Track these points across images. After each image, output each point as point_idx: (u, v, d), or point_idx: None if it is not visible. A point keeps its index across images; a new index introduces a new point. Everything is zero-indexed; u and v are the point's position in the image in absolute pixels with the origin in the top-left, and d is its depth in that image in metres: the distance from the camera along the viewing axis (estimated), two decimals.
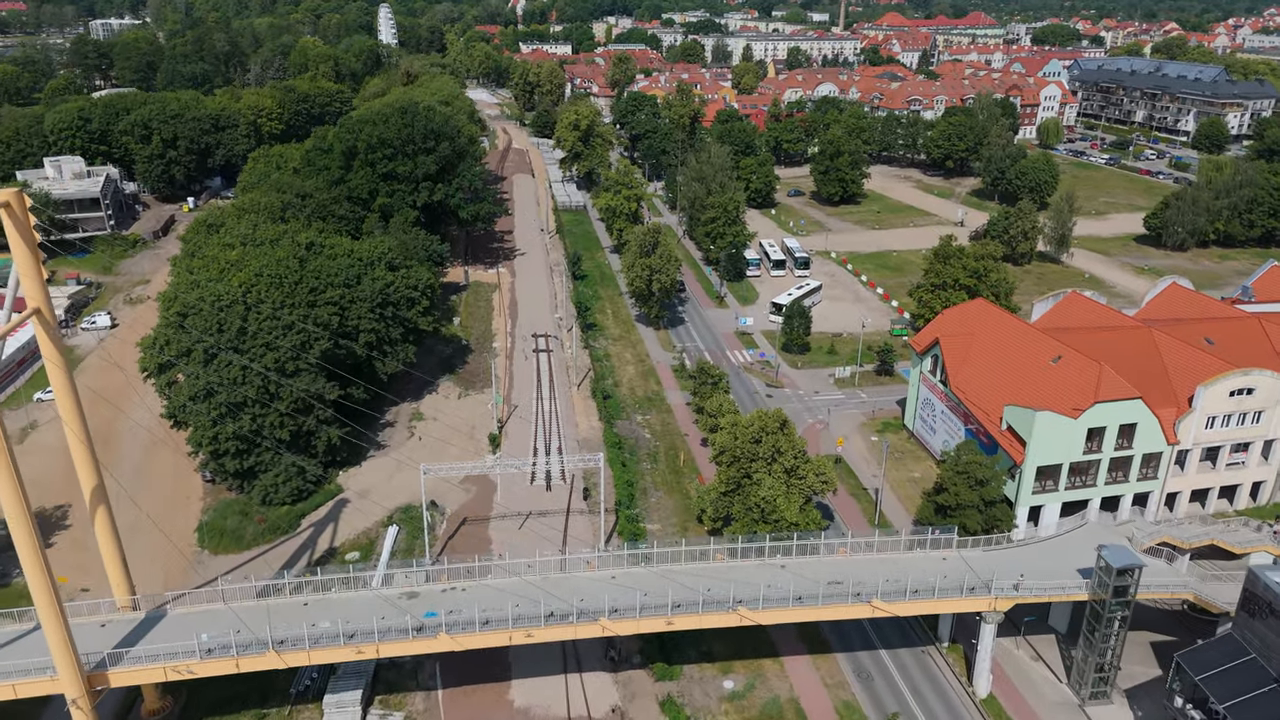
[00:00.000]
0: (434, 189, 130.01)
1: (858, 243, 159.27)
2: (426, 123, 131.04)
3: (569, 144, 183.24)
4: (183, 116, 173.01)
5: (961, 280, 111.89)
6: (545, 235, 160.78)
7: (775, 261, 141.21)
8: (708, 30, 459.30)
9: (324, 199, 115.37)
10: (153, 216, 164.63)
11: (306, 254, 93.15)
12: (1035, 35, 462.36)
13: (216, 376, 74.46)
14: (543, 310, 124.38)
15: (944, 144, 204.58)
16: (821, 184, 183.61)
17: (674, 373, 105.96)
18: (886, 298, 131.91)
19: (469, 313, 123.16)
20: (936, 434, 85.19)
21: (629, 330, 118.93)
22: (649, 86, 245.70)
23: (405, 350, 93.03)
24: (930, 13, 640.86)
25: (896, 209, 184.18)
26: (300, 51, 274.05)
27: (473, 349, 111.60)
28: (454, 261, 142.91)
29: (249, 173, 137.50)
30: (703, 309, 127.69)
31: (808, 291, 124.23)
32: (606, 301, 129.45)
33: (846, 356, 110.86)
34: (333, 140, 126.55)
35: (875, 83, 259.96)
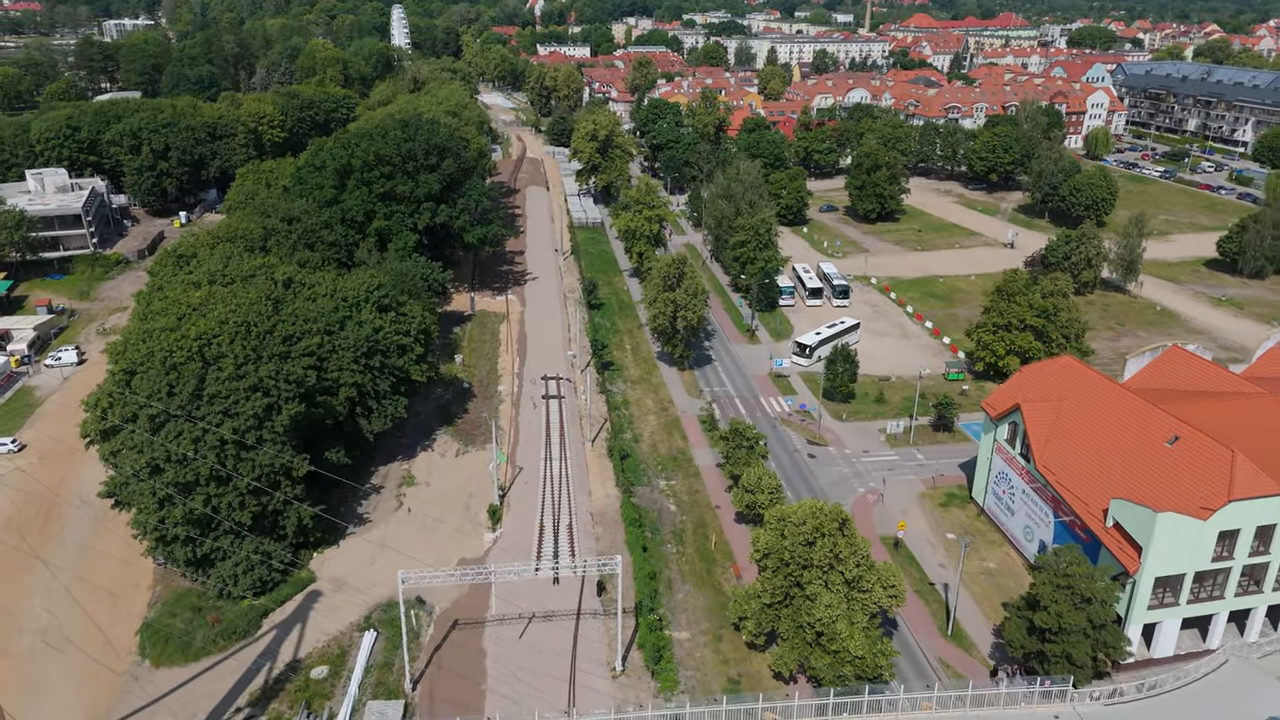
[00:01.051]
0: (437, 210, 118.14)
1: (899, 267, 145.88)
2: (430, 137, 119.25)
3: (586, 156, 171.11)
4: (175, 125, 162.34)
5: (1028, 320, 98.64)
6: (559, 256, 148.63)
7: (811, 290, 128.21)
8: (730, 32, 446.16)
9: (312, 223, 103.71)
10: (139, 233, 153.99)
11: (284, 293, 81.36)
12: (1071, 37, 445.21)
13: (163, 450, 62.70)
14: (554, 346, 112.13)
15: (988, 156, 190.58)
16: (858, 200, 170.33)
17: (701, 425, 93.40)
18: (936, 333, 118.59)
19: (473, 349, 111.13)
20: (1015, 516, 72.08)
21: (650, 371, 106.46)
22: (671, 93, 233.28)
23: (395, 404, 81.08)
24: (958, 13, 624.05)
25: (939, 227, 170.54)
26: (308, 54, 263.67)
27: (475, 393, 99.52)
28: (459, 287, 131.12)
29: (236, 190, 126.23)
30: (731, 344, 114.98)
31: (841, 331, 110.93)
32: (625, 335, 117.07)
33: (897, 406, 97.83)
34: (326, 157, 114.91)
35: (910, 89, 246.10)
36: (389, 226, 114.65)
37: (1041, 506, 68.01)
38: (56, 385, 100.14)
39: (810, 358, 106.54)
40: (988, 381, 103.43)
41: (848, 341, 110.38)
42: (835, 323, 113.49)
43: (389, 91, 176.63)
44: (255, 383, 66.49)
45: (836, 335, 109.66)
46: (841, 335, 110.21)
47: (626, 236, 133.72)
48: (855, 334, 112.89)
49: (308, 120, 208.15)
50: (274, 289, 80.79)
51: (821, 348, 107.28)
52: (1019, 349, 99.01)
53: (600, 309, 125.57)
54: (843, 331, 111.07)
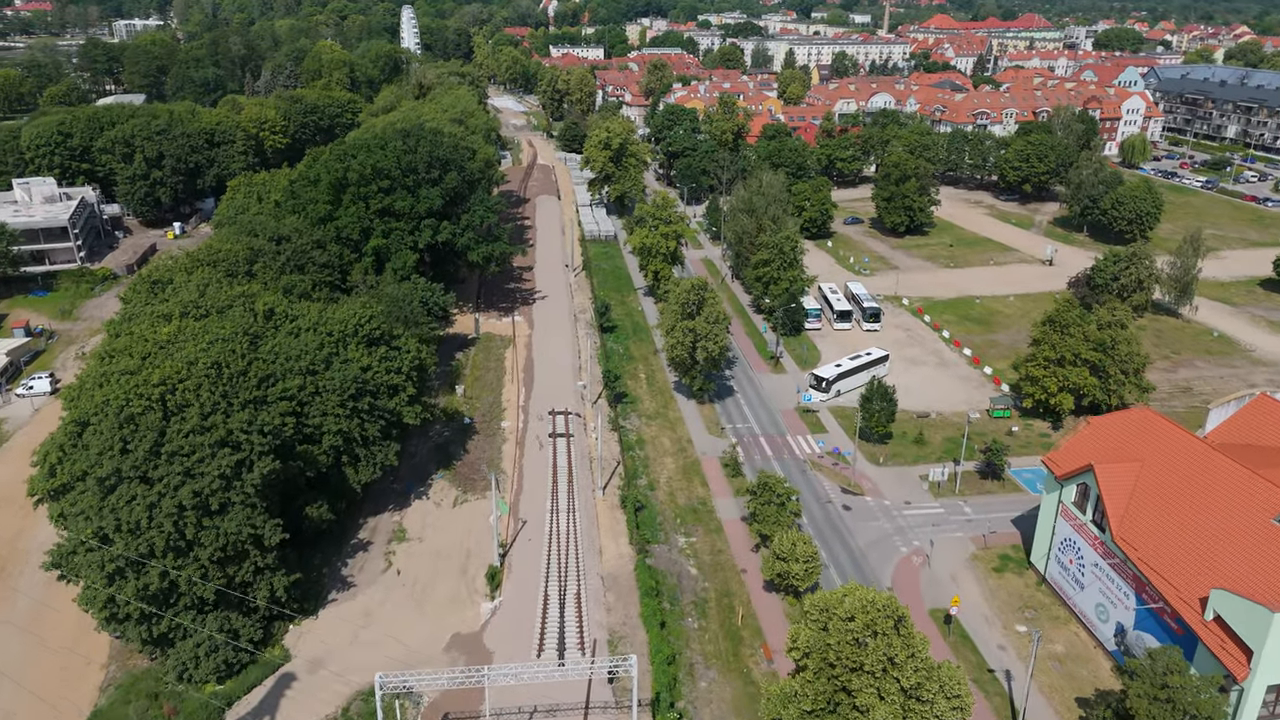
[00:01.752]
0: (439, 227, 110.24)
1: (932, 285, 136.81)
2: (432, 148, 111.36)
3: (599, 165, 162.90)
4: (170, 132, 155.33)
5: (1083, 354, 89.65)
6: (570, 272, 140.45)
7: (839, 313, 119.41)
8: (747, 33, 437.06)
9: (303, 243, 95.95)
10: (130, 246, 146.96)
11: (263, 327, 73.61)
12: (1097, 39, 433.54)
13: (112, 518, 54.87)
14: (564, 375, 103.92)
15: (1022, 166, 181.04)
16: (885, 212, 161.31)
17: (723, 468, 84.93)
18: (976, 362, 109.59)
19: (476, 378, 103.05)
20: (1085, 592, 63.25)
21: (667, 404, 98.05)
22: (687, 97, 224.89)
23: (385, 451, 73.10)
24: (977, 14, 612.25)
25: (971, 241, 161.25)
26: (314, 57, 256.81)
27: (476, 429, 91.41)
28: (463, 307, 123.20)
29: (227, 204, 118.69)
30: (754, 373, 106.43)
31: (866, 363, 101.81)
32: (639, 363, 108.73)
33: (939, 448, 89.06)
34: (320, 170, 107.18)
35: (935, 93, 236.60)
36: (387, 245, 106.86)
37: (1120, 585, 59.17)
38: (26, 417, 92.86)
39: (827, 392, 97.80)
40: (1036, 420, 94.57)
41: (875, 374, 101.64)
42: (859, 354, 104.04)
43: (393, 97, 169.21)
44: (223, 436, 58.57)
45: (860, 368, 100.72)
46: (866, 368, 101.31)
47: (642, 254, 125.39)
48: (883, 367, 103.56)
49: (311, 126, 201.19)
50: (252, 322, 73.05)
51: (840, 382, 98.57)
52: (1073, 385, 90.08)
53: (613, 332, 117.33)
54: (868, 364, 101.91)
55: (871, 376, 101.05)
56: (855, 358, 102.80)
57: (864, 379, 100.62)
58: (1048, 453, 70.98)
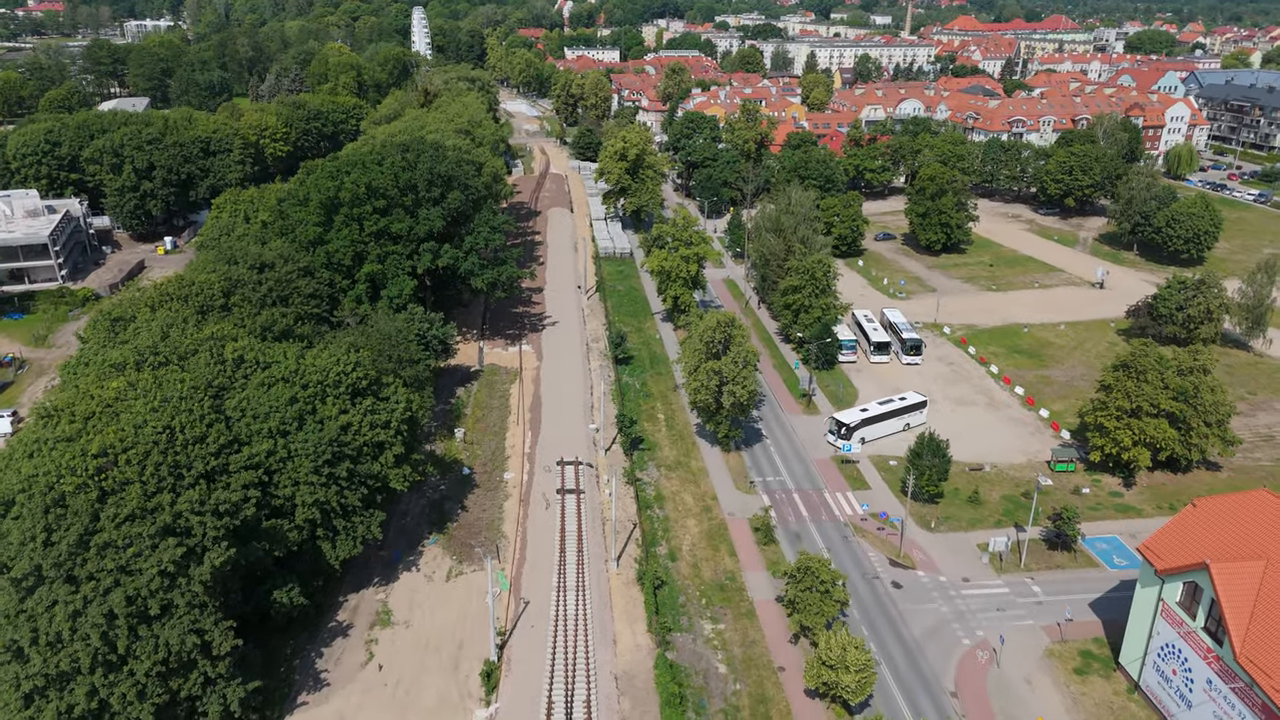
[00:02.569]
0: (439, 251, 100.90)
1: (974, 311, 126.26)
2: (433, 164, 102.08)
3: (614, 177, 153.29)
4: (161, 141, 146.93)
5: (1162, 404, 79.16)
6: (582, 294, 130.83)
7: (876, 344, 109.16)
8: (766, 35, 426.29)
9: (287, 272, 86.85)
10: (117, 262, 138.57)
11: (231, 377, 64.41)
12: (1128, 42, 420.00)
13: (28, 628, 45.75)
14: (574, 415, 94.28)
15: (1064, 178, 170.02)
16: (920, 229, 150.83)
17: (754, 533, 75.04)
18: (1031, 403, 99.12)
19: (477, 418, 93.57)
20: (1195, 711, 52.90)
21: (688, 452, 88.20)
22: (707, 103, 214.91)
23: (368, 523, 63.68)
24: (1000, 15, 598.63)
25: (1012, 260, 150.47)
26: (321, 60, 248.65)
27: (476, 482, 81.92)
28: (466, 334, 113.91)
29: (211, 224, 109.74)
30: (785, 414, 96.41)
31: (898, 409, 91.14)
32: (657, 400, 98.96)
33: (998, 509, 78.84)
34: (310, 188, 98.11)
35: (967, 99, 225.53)
36: (382, 271, 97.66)
37: (1243, 712, 48.87)
38: None
39: (849, 439, 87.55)
40: (1104, 474, 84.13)
41: (909, 422, 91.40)
42: (890, 399, 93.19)
43: (397, 104, 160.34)
44: (168, 521, 49.38)
45: (890, 415, 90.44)
46: (898, 415, 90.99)
47: (660, 278, 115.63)
48: (919, 414, 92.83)
49: (314, 133, 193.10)
50: (218, 373, 63.83)
51: (865, 429, 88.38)
52: (1150, 439, 79.60)
53: (629, 364, 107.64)
54: (900, 410, 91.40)
55: (905, 424, 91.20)
56: (886, 402, 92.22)
57: (895, 426, 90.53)
58: (1123, 517, 60.86)
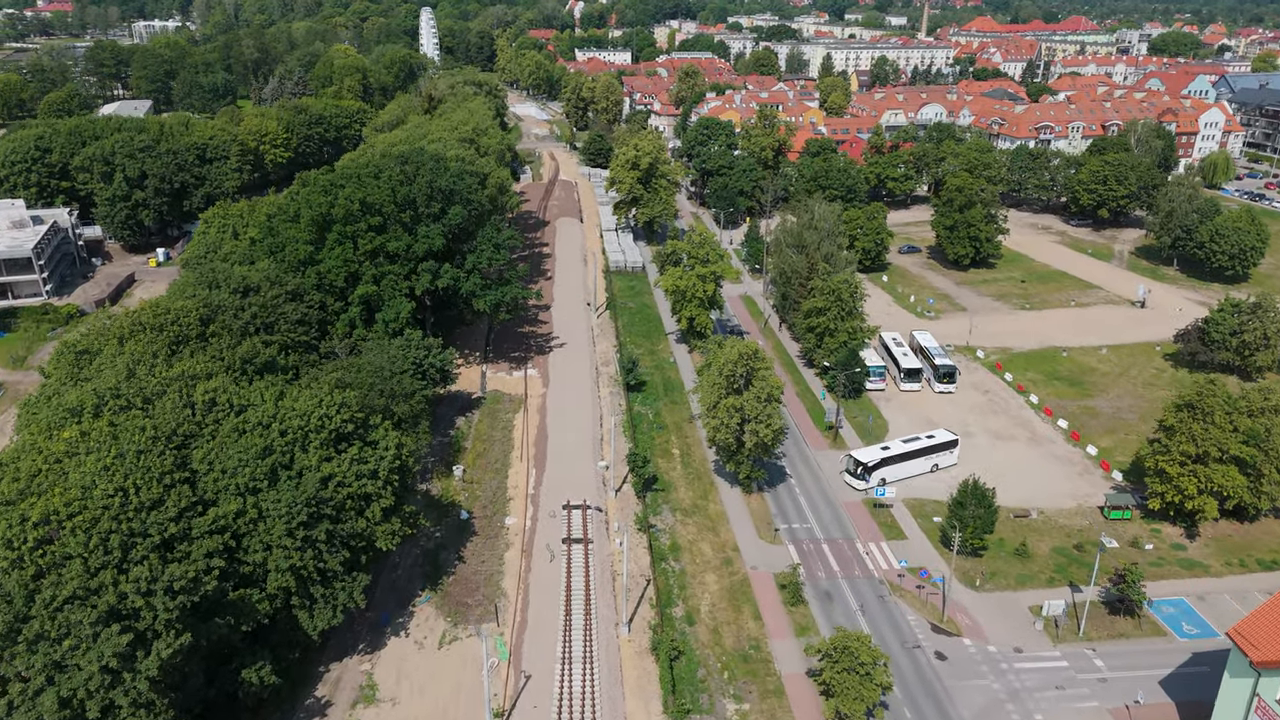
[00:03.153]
0: (439, 270, 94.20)
1: (1008, 333, 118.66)
2: (433, 178, 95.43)
3: (626, 187, 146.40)
4: (154, 149, 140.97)
5: (1231, 449, 71.65)
6: (592, 312, 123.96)
7: (907, 371, 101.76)
8: (781, 37, 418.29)
9: (274, 296, 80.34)
10: (106, 276, 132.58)
11: (199, 423, 57.85)
12: (1152, 44, 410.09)
13: None
14: (582, 449, 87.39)
15: (1098, 188, 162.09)
16: (948, 243, 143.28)
17: (779, 590, 68.04)
18: (1076, 438, 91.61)
19: (478, 453, 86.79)
20: None
21: (706, 493, 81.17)
22: (721, 108, 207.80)
23: (350, 589, 56.92)
24: (1017, 15, 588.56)
25: (1045, 276, 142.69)
26: (326, 62, 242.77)
27: (475, 528, 75.14)
28: (469, 357, 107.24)
29: (198, 241, 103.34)
30: (810, 450, 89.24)
31: (923, 449, 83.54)
32: (672, 433, 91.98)
33: (1049, 564, 71.55)
34: (301, 204, 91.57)
35: (991, 104, 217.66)
36: (378, 292, 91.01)
37: None
38: None
39: (867, 481, 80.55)
40: (1165, 524, 76.69)
41: (938, 463, 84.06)
42: (916, 436, 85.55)
43: (399, 110, 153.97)
44: (112, 604, 42.84)
45: (916, 454, 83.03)
46: (924, 454, 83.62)
47: (675, 297, 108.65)
48: (950, 454, 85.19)
49: (316, 138, 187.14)
50: (185, 419, 57.26)
51: (886, 469, 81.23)
52: (1218, 488, 72.12)
53: (641, 390, 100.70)
54: (926, 449, 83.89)
55: (933, 465, 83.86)
56: (911, 440, 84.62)
57: (920, 467, 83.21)
58: (1189, 575, 53.49)
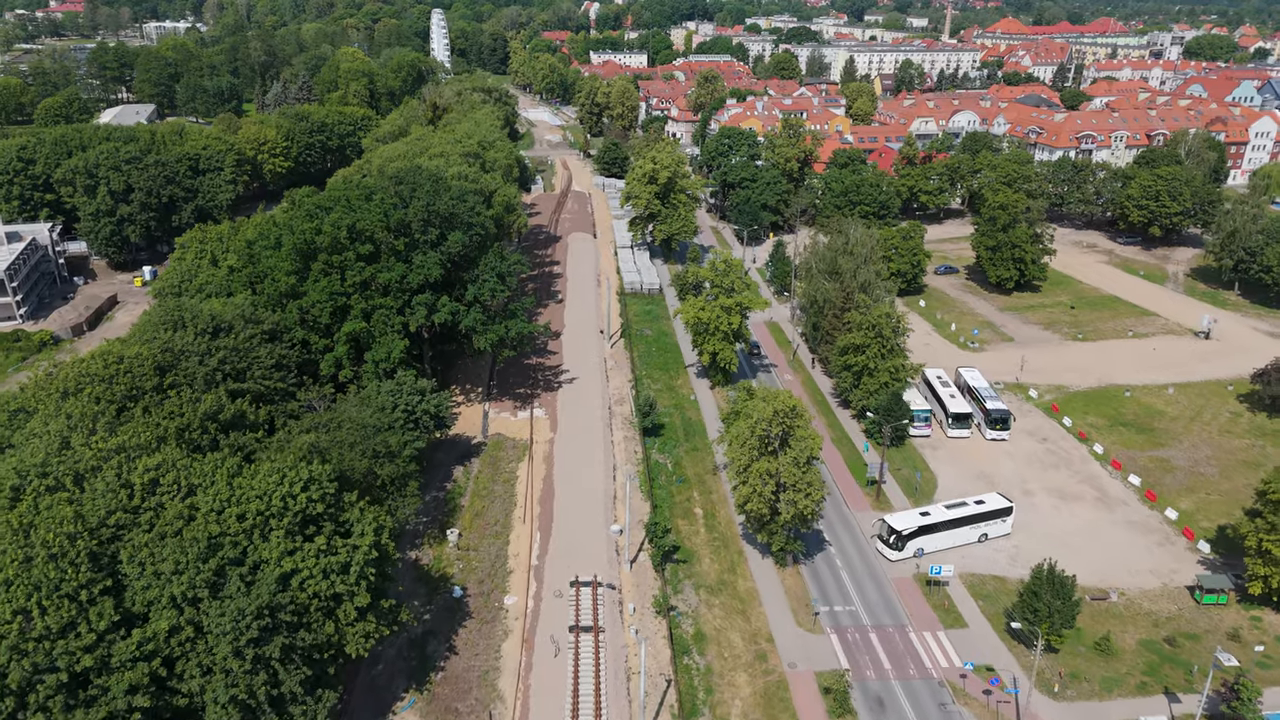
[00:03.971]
0: (436, 304, 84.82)
1: (1061, 368, 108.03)
2: (431, 201, 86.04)
3: (642, 202, 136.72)
4: (141, 161, 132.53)
5: None
6: (605, 340, 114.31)
7: (955, 416, 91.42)
8: (801, 39, 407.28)
9: (246, 337, 71.21)
10: (86, 297, 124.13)
11: (136, 510, 48.61)
12: (1187, 47, 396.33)
13: None
14: (593, 508, 77.75)
15: (1150, 204, 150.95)
16: (990, 264, 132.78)
17: (823, 697, 58.07)
18: (1152, 497, 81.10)
19: (476, 512, 77.27)
20: None
21: (734, 565, 71.33)
22: (743, 115, 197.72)
23: (313, 711, 47.48)
24: (1042, 18, 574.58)
25: (1096, 301, 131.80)
26: (332, 66, 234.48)
27: (469, 609, 65.59)
28: (469, 394, 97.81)
29: (173, 268, 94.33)
30: (850, 510, 79.23)
31: (970, 516, 73.20)
32: (694, 487, 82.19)
33: (1138, 662, 61.22)
34: (283, 231, 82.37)
35: (1028, 111, 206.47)
36: (368, 329, 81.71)
37: None
38: None
39: (901, 550, 70.95)
40: (1269, 610, 66.19)
41: (987, 533, 73.82)
42: (963, 502, 74.96)
43: (402, 120, 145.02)
44: None
45: (961, 522, 72.83)
46: (971, 523, 73.35)
47: (696, 331, 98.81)
48: (1002, 523, 74.56)
49: (317, 146, 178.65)
50: (119, 504, 48.00)
51: (923, 538, 71.39)
52: None
53: (659, 435, 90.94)
54: (974, 518, 73.48)
55: (981, 535, 73.65)
56: (955, 506, 74.23)
57: (966, 536, 73.08)
58: None
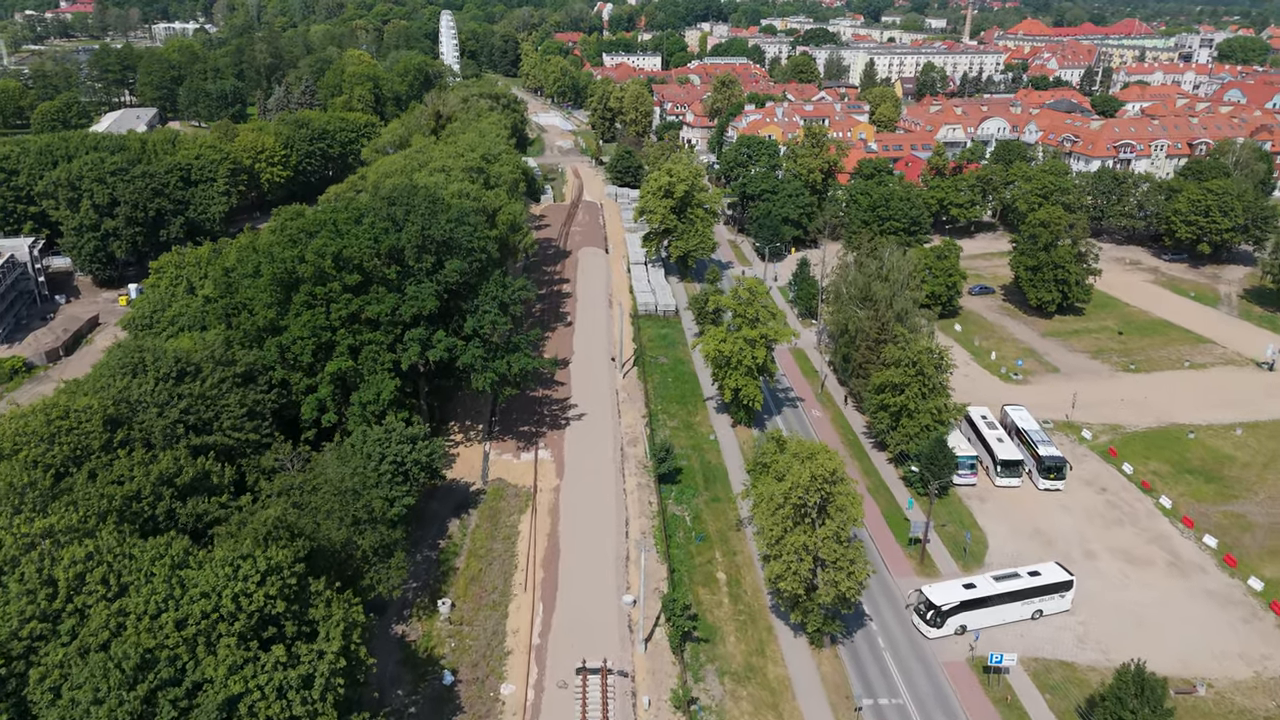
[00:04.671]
0: (431, 339, 76.72)
1: (1115, 403, 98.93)
2: (426, 225, 77.94)
3: (657, 217, 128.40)
4: (127, 172, 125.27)
5: None
6: (617, 369, 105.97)
7: (1003, 463, 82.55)
8: (819, 41, 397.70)
9: (216, 382, 63.37)
10: (64, 319, 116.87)
11: (57, 615, 40.75)
12: (1219, 49, 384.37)
13: None
14: (603, 573, 69.39)
15: (1199, 220, 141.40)
16: (1030, 285, 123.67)
17: None
18: (1231, 562, 72.06)
19: (471, 576, 69.04)
20: None
21: (763, 646, 62.81)
22: (762, 122, 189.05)
23: None
24: (1063, 19, 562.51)
25: (1145, 326, 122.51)
26: (336, 70, 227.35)
27: (460, 701, 57.31)
28: (469, 432, 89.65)
29: (148, 295, 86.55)
30: (891, 576, 70.63)
31: (1026, 590, 64.40)
32: (716, 546, 73.75)
33: None
34: (261, 258, 74.46)
35: (1062, 118, 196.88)
36: (356, 369, 73.70)
37: None
38: None
39: (940, 628, 62.43)
40: None
41: (1042, 609, 65.02)
42: (1015, 573, 66.06)
43: (403, 130, 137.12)
44: None
45: (1012, 597, 63.99)
46: (1024, 598, 64.52)
47: (716, 365, 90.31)
48: (1061, 598, 65.60)
49: (318, 155, 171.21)
50: (36, 609, 40.13)
51: (967, 614, 62.77)
52: None
53: (676, 482, 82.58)
54: (1028, 591, 64.59)
55: (1035, 611, 64.90)
56: (1006, 577, 65.34)
57: (1018, 613, 64.37)
58: None
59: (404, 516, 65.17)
